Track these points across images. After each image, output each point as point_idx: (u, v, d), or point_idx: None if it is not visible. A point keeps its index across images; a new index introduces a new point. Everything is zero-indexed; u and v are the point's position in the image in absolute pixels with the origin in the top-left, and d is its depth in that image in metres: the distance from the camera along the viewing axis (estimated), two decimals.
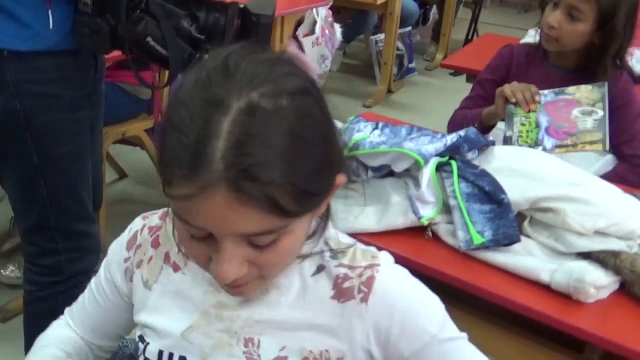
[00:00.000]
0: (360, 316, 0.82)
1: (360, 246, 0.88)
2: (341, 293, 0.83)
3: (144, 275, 0.93)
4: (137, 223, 0.97)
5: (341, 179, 0.79)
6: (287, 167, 0.67)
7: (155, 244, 0.94)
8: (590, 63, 1.81)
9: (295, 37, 3.59)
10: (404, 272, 0.86)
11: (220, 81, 0.69)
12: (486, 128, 1.88)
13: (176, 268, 0.91)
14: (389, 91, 4.62)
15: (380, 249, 1.30)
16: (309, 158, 0.70)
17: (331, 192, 0.78)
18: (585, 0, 1.73)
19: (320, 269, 0.85)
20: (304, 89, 0.71)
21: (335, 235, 0.88)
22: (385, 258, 0.86)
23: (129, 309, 0.97)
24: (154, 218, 0.97)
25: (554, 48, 1.83)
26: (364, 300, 0.82)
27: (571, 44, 1.80)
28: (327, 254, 0.86)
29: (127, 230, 0.98)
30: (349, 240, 0.89)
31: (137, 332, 0.94)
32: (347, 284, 0.83)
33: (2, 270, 2.39)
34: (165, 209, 0.96)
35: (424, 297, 0.84)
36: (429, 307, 0.84)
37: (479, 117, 1.87)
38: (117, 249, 0.98)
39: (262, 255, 0.73)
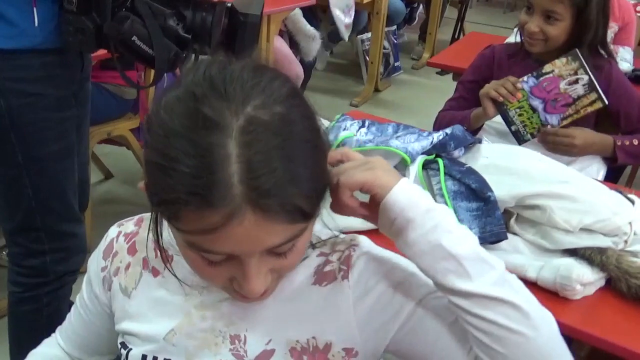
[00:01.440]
0: (343, 293, 0.82)
1: (342, 236, 0.89)
2: (322, 277, 0.84)
3: (122, 282, 0.92)
4: (112, 231, 0.97)
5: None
6: (300, 173, 0.67)
7: (132, 251, 0.93)
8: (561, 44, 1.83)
9: (281, 35, 3.59)
10: (381, 248, 0.87)
11: (211, 101, 0.66)
12: (474, 130, 1.89)
13: (155, 273, 0.90)
14: (376, 90, 4.63)
15: None
16: (314, 157, 0.70)
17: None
18: (558, 2, 1.76)
19: (302, 259, 0.85)
20: (291, 90, 0.71)
21: (320, 231, 0.88)
22: (363, 238, 0.88)
23: (111, 319, 0.96)
24: (128, 224, 0.96)
25: (540, 49, 1.84)
26: (345, 277, 0.83)
27: (556, 43, 1.82)
28: (309, 248, 0.86)
29: (103, 239, 0.97)
30: (330, 233, 0.89)
31: (119, 339, 0.94)
32: (327, 268, 0.85)
33: (3, 253, 2.39)
34: (140, 215, 0.95)
35: (409, 262, 0.82)
36: (416, 270, 0.81)
37: (468, 119, 1.87)
38: (94, 260, 0.97)
39: (283, 261, 0.74)
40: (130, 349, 0.90)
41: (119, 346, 0.93)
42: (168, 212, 0.68)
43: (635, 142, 1.80)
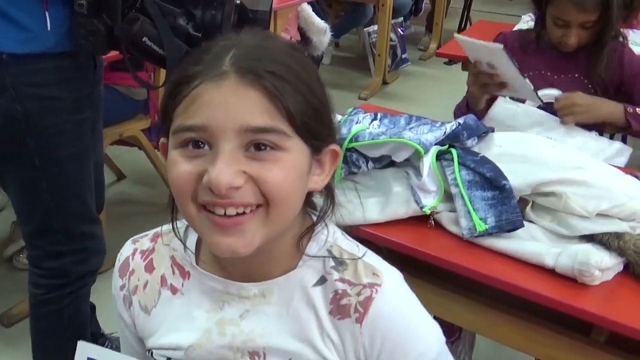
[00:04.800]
0: (354, 336, 0.82)
1: (366, 258, 0.85)
2: (338, 309, 0.82)
3: (141, 300, 0.92)
4: (127, 248, 0.95)
5: (337, 148, 0.81)
6: (291, 76, 0.73)
7: (150, 268, 0.92)
8: (591, 41, 1.83)
9: (286, 31, 3.58)
10: (404, 297, 0.85)
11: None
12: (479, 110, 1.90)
13: (174, 290, 0.89)
14: (384, 82, 4.62)
15: (383, 239, 1.32)
16: (312, 90, 0.76)
17: (329, 144, 0.80)
18: (592, 13, 1.76)
19: (322, 280, 0.84)
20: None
21: (341, 241, 0.87)
22: (387, 277, 0.84)
23: (138, 340, 0.95)
24: (144, 241, 0.94)
25: (573, 49, 1.86)
26: (359, 320, 0.81)
27: (588, 41, 1.83)
28: (330, 262, 0.84)
29: (117, 257, 0.95)
30: (355, 250, 0.86)
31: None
32: (344, 301, 0.82)
33: (20, 256, 2.44)
34: (156, 230, 0.94)
35: (420, 331, 0.83)
36: (425, 339, 0.82)
37: (466, 102, 1.90)
38: (114, 280, 0.95)
39: (262, 168, 0.72)
40: (153, 351, 0.90)
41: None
42: (173, 100, 0.75)
43: None
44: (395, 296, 0.83)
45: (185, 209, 0.76)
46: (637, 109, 1.81)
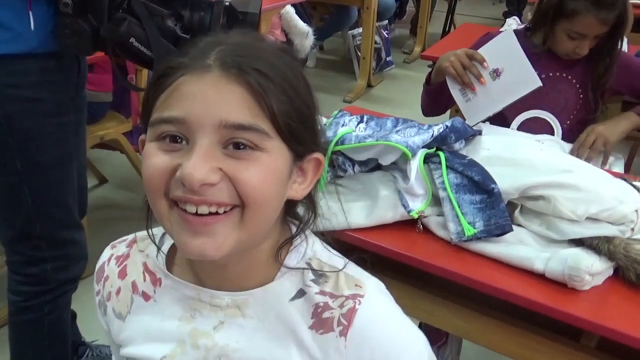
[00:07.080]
0: (338, 350, 0.78)
1: (347, 270, 0.82)
2: (320, 323, 0.79)
3: (115, 307, 0.90)
4: (105, 254, 0.93)
5: (321, 157, 0.79)
6: (277, 76, 0.72)
7: (122, 274, 0.90)
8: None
9: (272, 33, 3.58)
10: (388, 306, 0.83)
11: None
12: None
13: (146, 297, 0.87)
14: (369, 85, 4.63)
15: (370, 244, 1.31)
16: (298, 92, 0.74)
17: (312, 152, 0.78)
18: (607, 26, 1.79)
19: (300, 294, 0.80)
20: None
21: (321, 253, 0.84)
22: (370, 287, 0.81)
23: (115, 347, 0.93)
24: (120, 246, 0.93)
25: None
26: (343, 333, 0.78)
27: None
28: (309, 275, 0.81)
29: (97, 262, 0.94)
30: (335, 262, 0.83)
31: None
32: (326, 314, 0.79)
33: None
34: (134, 235, 0.92)
35: (409, 337, 0.81)
36: (413, 348, 0.80)
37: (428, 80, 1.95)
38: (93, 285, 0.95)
39: (236, 166, 0.70)
40: None
41: None
42: (155, 91, 0.73)
43: None
44: (379, 306, 0.81)
45: (155, 205, 0.73)
46: None
